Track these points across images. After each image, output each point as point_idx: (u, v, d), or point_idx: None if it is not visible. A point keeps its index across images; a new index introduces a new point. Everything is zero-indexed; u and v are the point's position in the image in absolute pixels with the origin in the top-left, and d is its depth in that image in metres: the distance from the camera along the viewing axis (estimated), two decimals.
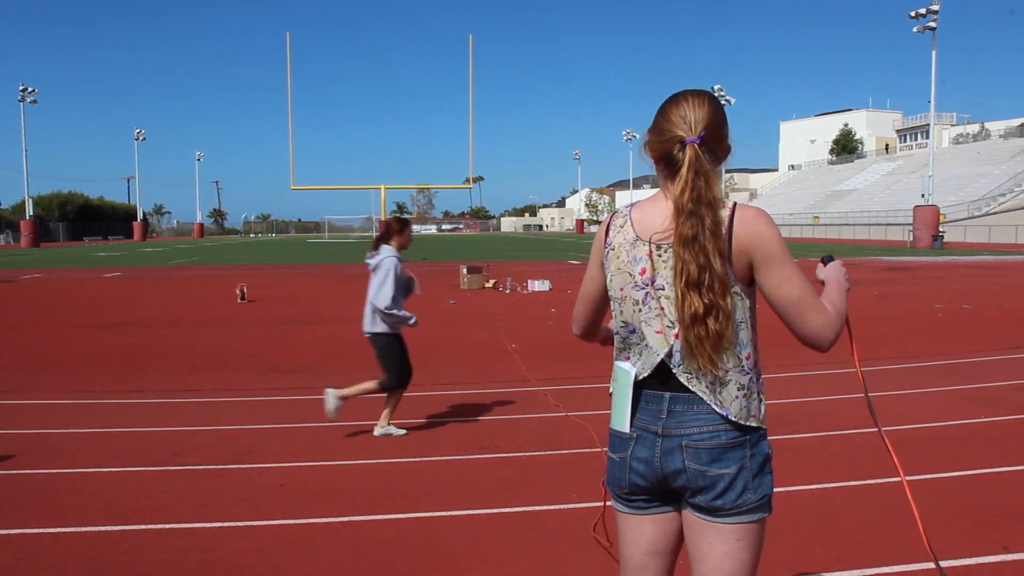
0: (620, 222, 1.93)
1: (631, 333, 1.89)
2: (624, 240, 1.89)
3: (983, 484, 4.42)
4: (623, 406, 1.89)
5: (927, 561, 3.40)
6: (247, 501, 4.21)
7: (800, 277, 1.78)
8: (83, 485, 4.47)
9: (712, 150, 1.84)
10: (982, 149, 70.60)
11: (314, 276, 22.85)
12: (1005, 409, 6.10)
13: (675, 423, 1.83)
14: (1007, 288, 17.28)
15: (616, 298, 1.92)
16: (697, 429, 1.81)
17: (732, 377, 1.81)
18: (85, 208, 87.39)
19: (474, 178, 36.59)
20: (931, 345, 9.43)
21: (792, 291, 1.77)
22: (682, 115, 1.84)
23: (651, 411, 1.86)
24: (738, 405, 1.80)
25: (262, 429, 5.78)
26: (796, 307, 1.78)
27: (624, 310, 1.90)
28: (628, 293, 1.88)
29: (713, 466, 1.80)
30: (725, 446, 1.80)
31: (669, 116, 1.86)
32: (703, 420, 1.81)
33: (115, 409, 6.51)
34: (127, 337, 10.63)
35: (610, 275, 1.93)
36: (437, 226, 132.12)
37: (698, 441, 1.81)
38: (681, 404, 1.83)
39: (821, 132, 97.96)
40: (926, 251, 37.30)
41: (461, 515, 3.99)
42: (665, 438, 1.84)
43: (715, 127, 1.84)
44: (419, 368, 8.26)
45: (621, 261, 1.89)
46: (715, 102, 1.88)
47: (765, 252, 1.77)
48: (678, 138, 1.82)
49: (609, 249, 1.93)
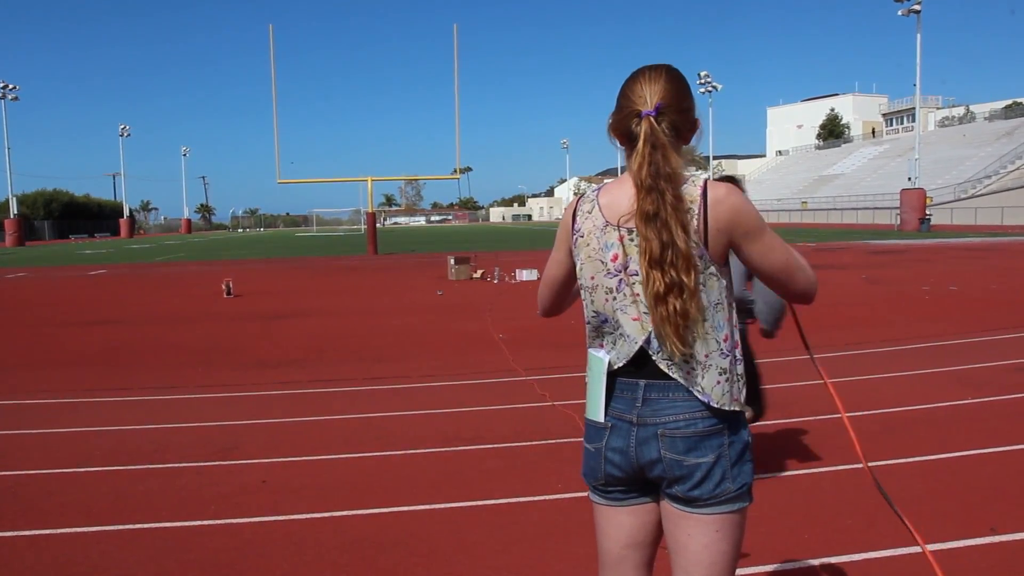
0: (587, 207, 1.85)
1: (603, 323, 1.82)
2: (593, 226, 1.82)
3: (971, 465, 4.39)
4: (597, 395, 1.83)
5: (914, 545, 3.37)
6: (228, 499, 4.14)
7: (780, 242, 1.78)
8: (60, 486, 4.38)
9: (673, 125, 1.77)
10: (967, 132, 70.87)
11: (301, 270, 22.72)
12: (993, 390, 6.08)
13: (650, 411, 1.77)
14: (993, 269, 17.33)
15: (587, 287, 1.84)
16: (672, 417, 1.75)
17: (713, 362, 1.74)
18: (71, 206, 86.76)
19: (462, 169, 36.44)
20: (919, 327, 9.42)
21: (779, 258, 1.77)
22: (639, 89, 1.78)
23: (626, 399, 1.80)
24: (720, 391, 1.74)
25: (245, 425, 5.71)
26: (785, 272, 1.79)
27: (595, 299, 1.83)
28: (600, 281, 1.81)
29: (690, 455, 1.74)
30: (702, 434, 1.74)
31: (626, 92, 1.81)
32: (679, 408, 1.75)
33: (97, 408, 6.41)
34: (111, 335, 10.51)
35: (580, 263, 1.85)
36: (425, 218, 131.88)
37: (673, 430, 1.75)
38: (656, 392, 1.77)
39: (808, 117, 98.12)
40: (913, 234, 37.43)
41: (445, 508, 3.93)
42: (640, 427, 1.78)
43: (674, 99, 1.77)
44: (406, 359, 8.24)
45: (591, 248, 1.81)
46: (673, 75, 1.81)
47: (746, 227, 1.73)
48: (635, 112, 1.77)
49: (578, 236, 1.85)
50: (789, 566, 3.23)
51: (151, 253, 36.72)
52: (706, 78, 64.43)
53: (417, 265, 23.46)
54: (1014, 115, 69.19)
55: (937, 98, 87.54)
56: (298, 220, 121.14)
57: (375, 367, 7.89)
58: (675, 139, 1.78)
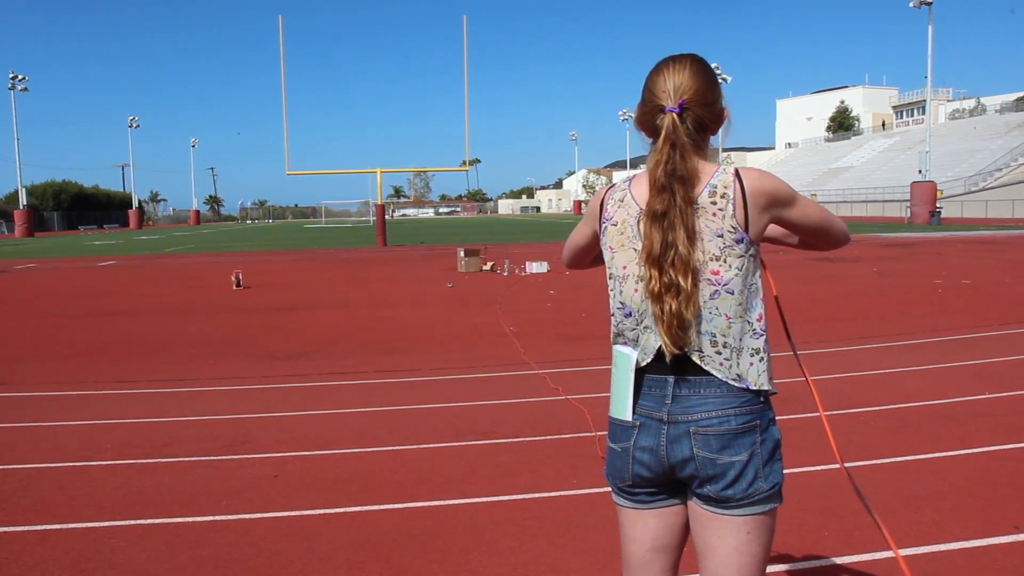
0: (620, 196, 1.83)
1: (627, 316, 1.78)
2: (627, 215, 1.79)
3: (993, 462, 4.32)
4: (624, 393, 1.78)
5: (937, 543, 3.32)
6: (239, 493, 4.10)
7: (810, 200, 1.86)
8: (71, 480, 4.36)
9: (698, 120, 1.75)
10: (978, 124, 70.31)
11: (311, 261, 22.71)
12: (1010, 385, 6.00)
13: (681, 409, 1.72)
14: (1006, 263, 17.18)
15: (617, 276, 1.80)
16: (705, 414, 1.70)
17: (746, 344, 1.72)
18: (80, 197, 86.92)
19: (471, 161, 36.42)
20: (932, 321, 9.33)
21: (815, 214, 1.86)
22: (663, 83, 1.76)
23: (654, 396, 1.75)
24: (755, 372, 1.72)
25: (256, 418, 5.68)
26: (824, 224, 1.89)
27: (625, 289, 1.78)
28: (632, 270, 1.77)
29: (723, 453, 1.69)
30: (736, 432, 1.70)
31: (649, 86, 1.79)
32: (711, 404, 1.71)
33: (107, 400, 6.40)
34: (121, 326, 10.51)
35: (611, 253, 1.82)
36: (434, 209, 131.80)
37: (707, 427, 1.70)
38: (687, 388, 1.72)
39: (817, 109, 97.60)
40: (924, 227, 37.19)
41: (459, 504, 3.89)
42: (671, 425, 1.73)
43: (698, 93, 1.75)
44: (415, 353, 8.20)
45: (625, 237, 1.78)
46: (697, 67, 1.77)
47: (785, 200, 1.77)
48: (659, 107, 1.76)
49: (609, 224, 1.82)
50: (809, 564, 3.18)
51: (160, 244, 36.79)
52: (716, 70, 64.05)
53: (426, 257, 23.42)
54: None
55: (948, 90, 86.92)
56: (307, 212, 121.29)
57: (386, 360, 7.85)
58: (700, 134, 1.76)
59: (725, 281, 1.70)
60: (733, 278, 1.70)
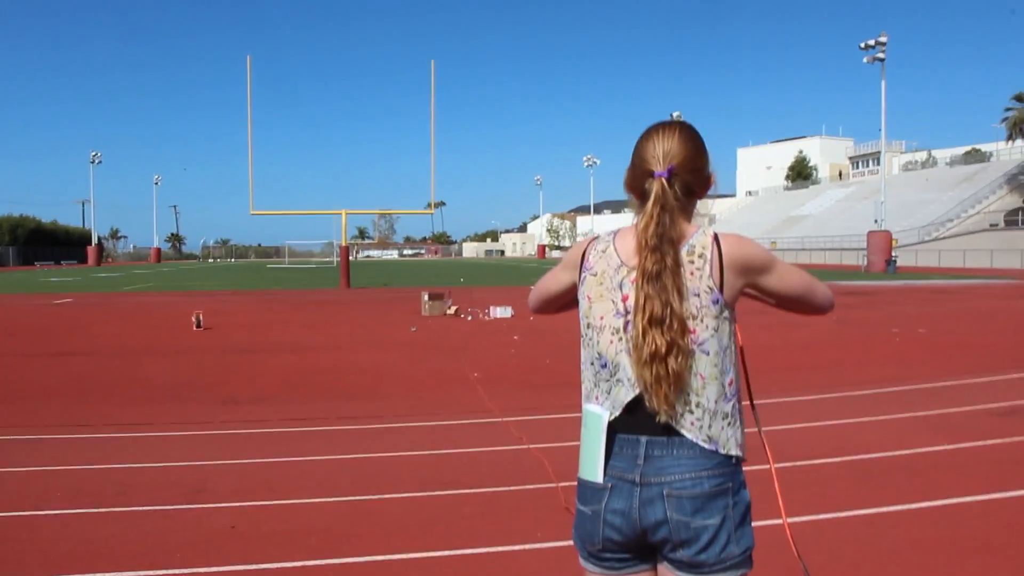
0: (602, 247, 1.84)
1: (603, 367, 1.77)
2: (608, 266, 1.81)
3: (954, 515, 4.37)
4: (595, 454, 1.75)
5: None
6: (194, 545, 3.98)
7: (790, 265, 1.86)
8: (17, 531, 4.19)
9: (686, 184, 1.79)
10: (930, 176, 72.63)
11: (273, 302, 22.44)
12: (969, 436, 6.10)
13: (654, 470, 1.71)
14: (960, 312, 17.61)
15: (594, 326, 1.80)
16: (679, 476, 1.70)
17: (719, 407, 1.72)
18: (37, 232, 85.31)
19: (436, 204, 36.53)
20: (890, 370, 9.49)
21: (795, 281, 1.85)
22: (652, 149, 1.80)
23: (626, 457, 1.73)
24: (725, 436, 1.73)
25: (214, 465, 5.54)
26: (806, 289, 1.87)
27: (601, 340, 1.78)
28: (609, 321, 1.78)
29: (697, 517, 1.68)
30: (708, 495, 1.69)
31: (639, 151, 1.84)
32: (684, 466, 1.70)
33: (59, 445, 6.20)
34: (76, 367, 10.24)
35: (589, 303, 1.82)
36: (399, 251, 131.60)
37: (680, 489, 1.69)
38: (659, 448, 1.71)
39: (777, 159, 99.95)
40: (880, 275, 38.03)
41: (423, 558, 3.81)
42: (644, 487, 1.71)
43: (687, 160, 1.79)
44: (379, 399, 8.09)
45: (604, 288, 1.80)
46: (687, 133, 1.83)
47: (761, 264, 1.78)
48: (648, 172, 1.80)
49: (589, 274, 1.84)
50: None
51: (119, 282, 36.12)
52: (678, 118, 65.41)
53: (390, 300, 23.30)
54: (973, 160, 71.14)
55: (901, 143, 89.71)
56: (270, 251, 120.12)
57: (348, 405, 7.74)
58: (687, 198, 1.80)
59: (701, 340, 1.71)
60: (709, 338, 1.72)
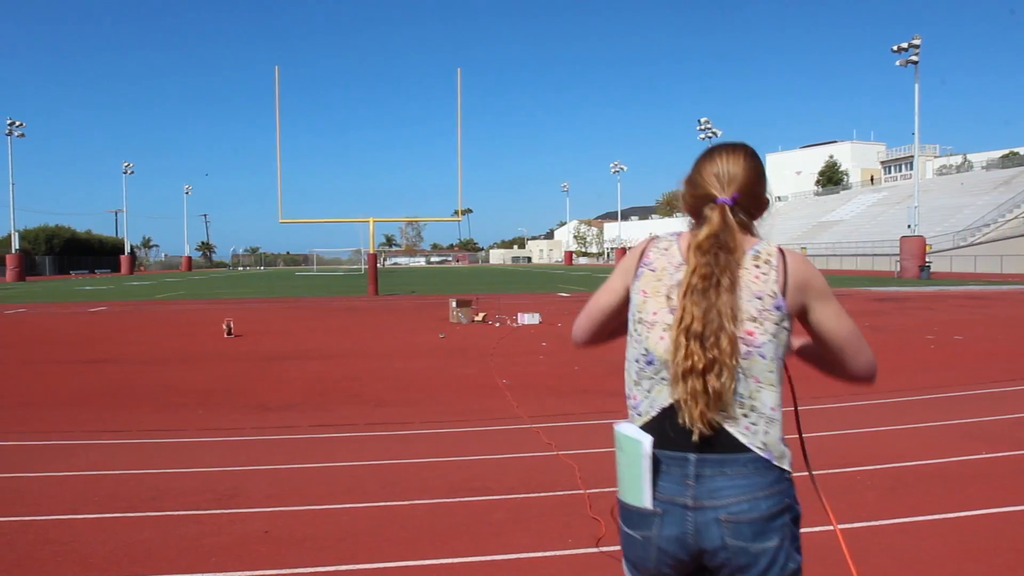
0: (664, 245, 1.81)
1: (648, 364, 1.71)
2: (668, 263, 1.76)
3: (991, 525, 4.29)
4: (638, 479, 1.65)
5: None
6: (228, 549, 4.02)
7: (847, 314, 1.81)
8: (55, 534, 4.27)
9: (746, 208, 1.77)
10: (965, 180, 71.42)
11: (302, 310, 22.65)
12: (1006, 445, 5.99)
13: (707, 492, 1.63)
14: (996, 319, 17.28)
15: (646, 322, 1.73)
16: (734, 499, 1.62)
17: (773, 415, 1.68)
18: (72, 242, 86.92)
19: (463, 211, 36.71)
20: (925, 378, 9.34)
21: (848, 325, 1.80)
22: (715, 172, 1.77)
23: (674, 477, 1.64)
24: (780, 447, 1.69)
25: (247, 471, 5.60)
26: (853, 342, 1.80)
27: (651, 336, 1.72)
28: (661, 317, 1.72)
29: (756, 541, 1.62)
30: (766, 517, 1.63)
31: (702, 172, 1.80)
32: (739, 488, 1.62)
33: (94, 451, 6.30)
34: (110, 374, 10.41)
35: (644, 298, 1.76)
36: (426, 258, 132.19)
37: (737, 514, 1.62)
38: (710, 467, 1.63)
39: (807, 164, 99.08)
40: (914, 281, 37.46)
41: (452, 563, 3.82)
42: (697, 511, 1.63)
43: (750, 185, 1.77)
44: (407, 405, 8.13)
45: (662, 284, 1.74)
46: (751, 159, 1.79)
47: (819, 288, 1.76)
48: (710, 196, 1.77)
49: (647, 269, 1.78)
50: None
51: (151, 291, 36.68)
52: (706, 124, 65.06)
53: (418, 307, 23.40)
54: (1011, 164, 69.83)
55: (935, 147, 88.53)
56: (298, 259, 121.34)
57: (378, 412, 7.79)
58: (747, 221, 1.79)
59: (759, 343, 1.66)
60: (767, 342, 1.67)
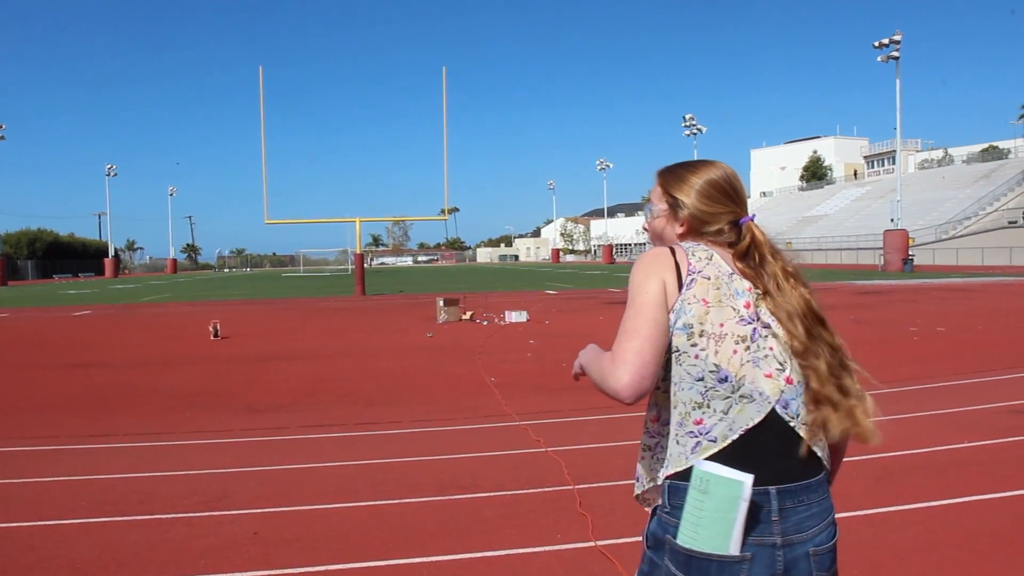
0: (704, 255, 1.67)
1: (721, 382, 1.55)
2: (720, 272, 1.64)
3: (976, 512, 4.34)
4: (728, 523, 1.45)
5: None
6: (218, 551, 4.02)
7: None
8: (42, 540, 4.25)
9: None
10: (946, 174, 72.05)
11: (289, 311, 22.57)
12: (989, 433, 6.06)
13: (793, 527, 1.52)
14: (979, 310, 17.45)
15: (711, 334, 1.57)
16: (818, 530, 1.56)
17: None
18: (55, 245, 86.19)
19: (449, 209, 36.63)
20: (909, 369, 9.42)
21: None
22: (730, 190, 1.75)
23: (760, 514, 1.50)
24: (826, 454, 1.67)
25: (236, 473, 5.58)
26: None
27: (722, 350, 1.56)
28: (731, 328, 1.58)
29: (831, 569, 1.59)
30: (836, 544, 1.60)
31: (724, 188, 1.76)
32: (818, 516, 1.56)
33: (80, 455, 6.26)
34: (96, 378, 10.34)
35: (703, 307, 1.59)
36: (413, 258, 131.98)
37: (820, 545, 1.55)
38: (791, 499, 1.52)
39: (790, 159, 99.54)
40: (897, 274, 37.75)
41: (443, 560, 3.83)
42: (787, 548, 1.51)
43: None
44: (396, 405, 8.12)
45: (723, 293, 1.60)
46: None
47: None
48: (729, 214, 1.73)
49: (700, 276, 1.62)
50: None
51: (136, 293, 36.43)
52: (691, 121, 65.31)
53: (406, 306, 23.36)
54: (991, 158, 70.53)
55: (916, 141, 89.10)
56: (284, 260, 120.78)
57: (366, 411, 7.78)
58: None
59: None
60: None
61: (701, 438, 1.56)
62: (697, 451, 1.56)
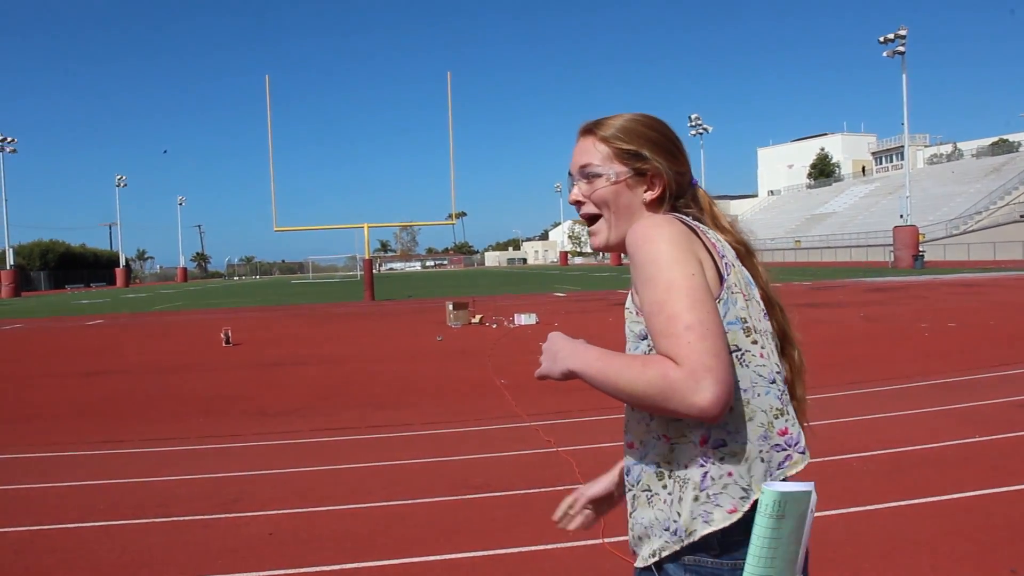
0: (713, 237, 1.44)
1: (772, 383, 1.36)
2: (735, 257, 1.44)
3: (986, 505, 4.36)
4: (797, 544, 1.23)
5: None
6: (234, 552, 4.08)
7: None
8: (64, 542, 4.32)
9: None
10: (956, 169, 71.71)
11: (299, 317, 22.68)
12: (1000, 428, 6.06)
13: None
14: (990, 305, 17.39)
15: (761, 331, 1.38)
16: None
17: None
18: (67, 256, 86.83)
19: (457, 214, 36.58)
20: (920, 365, 9.42)
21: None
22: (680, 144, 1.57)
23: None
24: None
25: (250, 476, 5.65)
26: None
27: (767, 345, 1.38)
28: (766, 325, 1.42)
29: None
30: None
31: (683, 150, 1.54)
32: None
33: (98, 461, 6.35)
34: (111, 385, 10.45)
35: (745, 301, 1.37)
36: (421, 263, 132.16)
37: None
38: None
39: (798, 157, 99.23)
40: (908, 271, 37.60)
41: (457, 559, 3.88)
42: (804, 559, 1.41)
43: None
44: (407, 407, 8.19)
45: (742, 284, 1.40)
46: None
47: None
48: (689, 176, 1.54)
49: (728, 265, 1.39)
50: None
51: (148, 302, 36.67)
52: (697, 120, 65.30)
53: (415, 311, 23.45)
54: (1001, 152, 70.14)
55: (925, 136, 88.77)
56: (294, 267, 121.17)
57: (378, 414, 7.84)
58: None
59: None
60: None
61: (791, 450, 1.36)
62: (786, 466, 1.34)
